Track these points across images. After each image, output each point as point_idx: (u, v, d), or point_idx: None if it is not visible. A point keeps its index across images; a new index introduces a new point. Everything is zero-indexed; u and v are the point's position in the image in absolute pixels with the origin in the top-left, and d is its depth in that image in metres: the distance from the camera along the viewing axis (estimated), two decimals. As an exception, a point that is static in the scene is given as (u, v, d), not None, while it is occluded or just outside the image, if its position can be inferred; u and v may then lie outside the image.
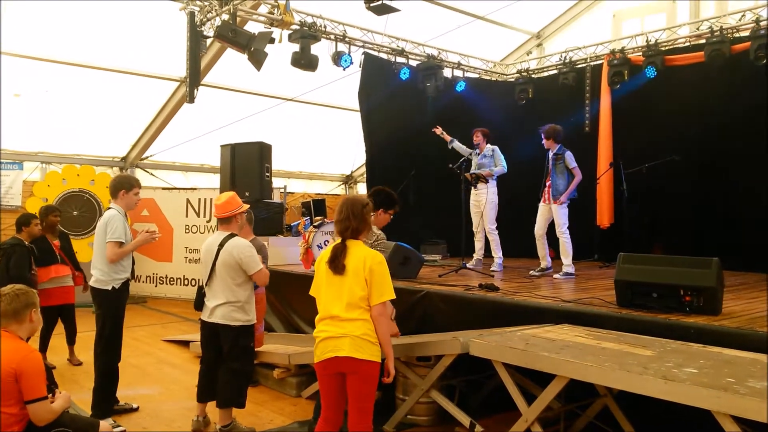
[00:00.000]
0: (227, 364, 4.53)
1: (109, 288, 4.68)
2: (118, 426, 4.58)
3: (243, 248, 4.41)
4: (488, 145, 7.79)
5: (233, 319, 4.43)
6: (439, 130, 8.17)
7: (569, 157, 6.95)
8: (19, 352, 3.19)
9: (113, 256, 4.62)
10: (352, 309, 3.31)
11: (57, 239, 6.50)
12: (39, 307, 3.44)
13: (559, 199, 6.83)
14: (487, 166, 7.66)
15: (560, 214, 6.88)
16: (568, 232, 6.87)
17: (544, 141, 7.09)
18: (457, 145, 8.12)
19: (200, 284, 4.64)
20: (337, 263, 3.36)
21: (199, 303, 4.60)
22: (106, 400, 4.77)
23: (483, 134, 7.83)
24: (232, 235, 4.49)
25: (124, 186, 4.83)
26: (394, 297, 3.38)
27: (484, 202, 7.57)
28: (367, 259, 3.34)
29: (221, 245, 4.42)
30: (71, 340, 6.54)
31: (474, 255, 7.89)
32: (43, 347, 6.40)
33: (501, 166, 7.65)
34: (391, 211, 4.78)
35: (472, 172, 7.66)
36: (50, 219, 6.43)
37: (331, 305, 3.39)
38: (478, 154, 7.82)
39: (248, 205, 4.88)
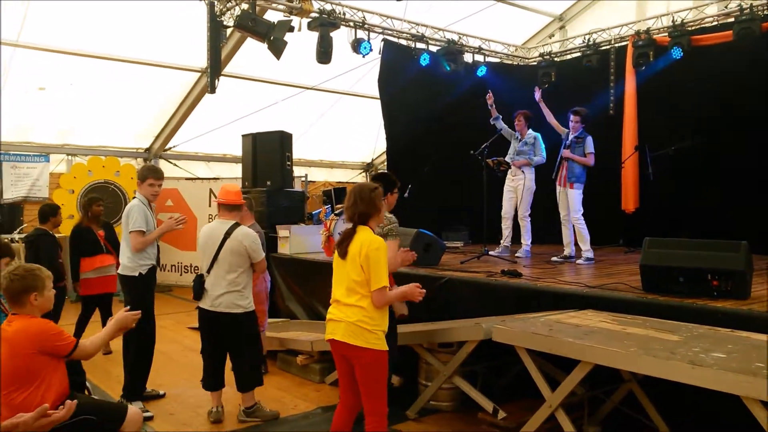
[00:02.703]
0: (240, 352, 4.64)
1: (136, 274, 4.83)
2: (146, 411, 4.67)
3: (252, 237, 4.62)
4: (530, 132, 7.44)
5: (237, 307, 4.55)
6: (491, 99, 7.69)
7: (590, 142, 6.85)
8: (33, 326, 3.06)
9: (137, 245, 4.80)
10: (351, 294, 3.35)
11: (101, 229, 6.58)
12: (47, 289, 3.14)
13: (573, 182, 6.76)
14: (527, 154, 7.37)
15: (575, 200, 6.78)
16: (582, 218, 6.79)
17: (574, 122, 6.95)
18: (501, 124, 7.67)
19: (198, 273, 4.72)
20: (342, 248, 3.41)
21: (199, 292, 4.64)
22: (137, 382, 4.91)
23: (525, 118, 7.44)
24: (237, 224, 4.63)
25: (138, 177, 5.08)
26: (387, 284, 3.33)
27: (521, 188, 7.34)
28: (364, 244, 3.32)
29: (228, 233, 4.54)
30: None
31: (501, 242, 7.60)
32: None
33: (541, 155, 7.36)
34: (395, 191, 4.40)
35: (498, 158, 7.34)
36: (94, 209, 6.55)
37: (336, 289, 3.47)
38: (519, 140, 7.48)
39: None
